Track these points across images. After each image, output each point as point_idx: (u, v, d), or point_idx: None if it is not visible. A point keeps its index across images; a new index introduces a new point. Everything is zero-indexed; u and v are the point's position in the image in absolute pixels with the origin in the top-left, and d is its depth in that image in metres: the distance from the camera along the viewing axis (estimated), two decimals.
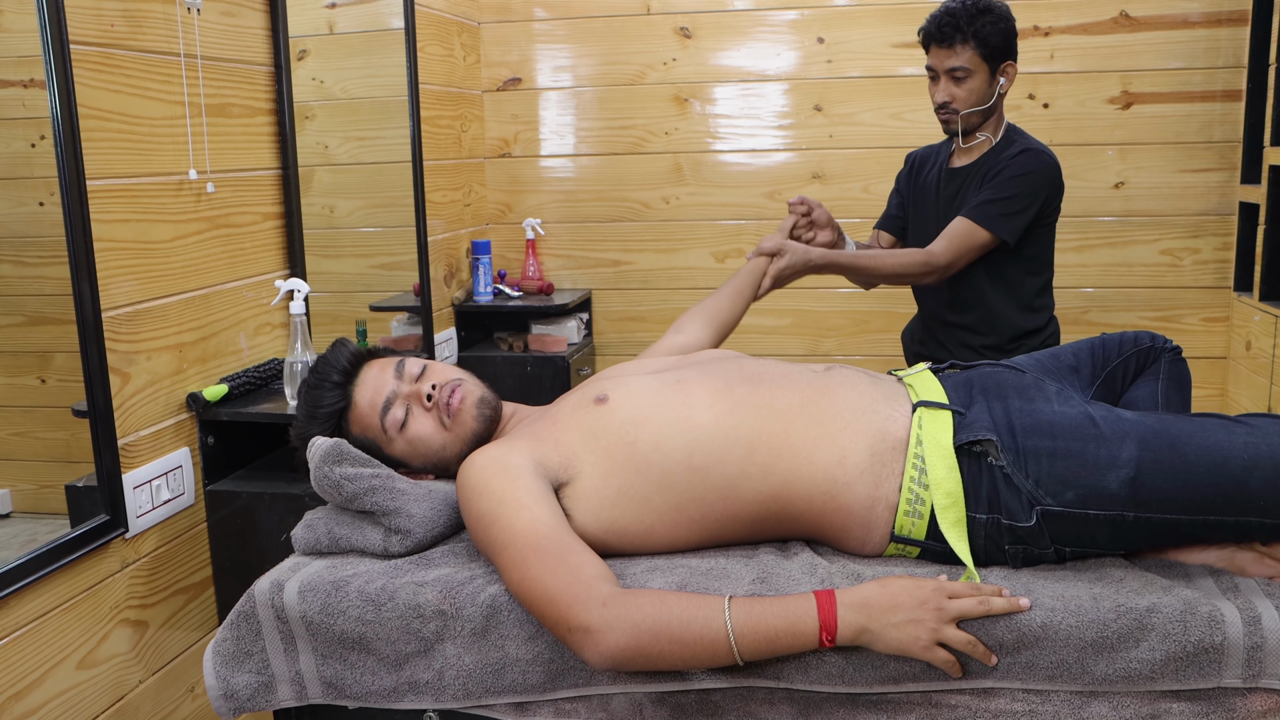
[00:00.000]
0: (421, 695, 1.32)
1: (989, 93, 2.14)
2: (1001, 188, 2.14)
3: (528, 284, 3.30)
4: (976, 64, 2.11)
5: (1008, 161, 2.16)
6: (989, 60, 2.11)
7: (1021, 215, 2.14)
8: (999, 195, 2.13)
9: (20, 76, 1.62)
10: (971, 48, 2.09)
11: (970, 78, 2.12)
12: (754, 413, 1.37)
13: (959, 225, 2.14)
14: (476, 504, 1.32)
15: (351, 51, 2.69)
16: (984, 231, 2.12)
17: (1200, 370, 3.01)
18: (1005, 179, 2.14)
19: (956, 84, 2.13)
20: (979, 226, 2.12)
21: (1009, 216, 2.13)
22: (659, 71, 3.24)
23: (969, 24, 2.08)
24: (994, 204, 2.13)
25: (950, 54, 2.11)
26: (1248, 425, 1.29)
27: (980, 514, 1.31)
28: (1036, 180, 2.14)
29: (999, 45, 2.10)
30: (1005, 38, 2.11)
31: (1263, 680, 1.17)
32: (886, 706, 1.23)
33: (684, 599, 1.19)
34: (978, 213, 2.13)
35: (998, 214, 2.12)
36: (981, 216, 2.13)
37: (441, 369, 1.54)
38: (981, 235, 2.12)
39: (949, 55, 2.11)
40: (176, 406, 1.89)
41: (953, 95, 2.14)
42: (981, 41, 2.08)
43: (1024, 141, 2.20)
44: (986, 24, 2.08)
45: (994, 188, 2.15)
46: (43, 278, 1.68)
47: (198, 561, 1.96)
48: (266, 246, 2.16)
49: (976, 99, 2.14)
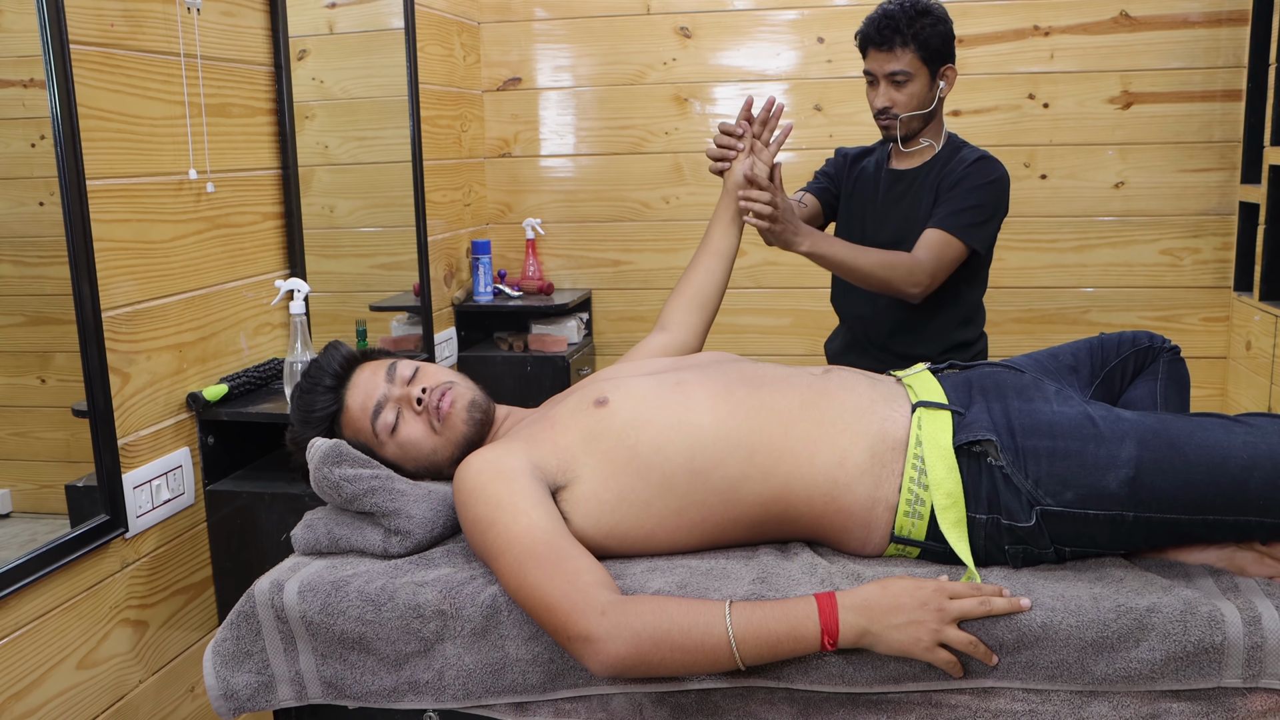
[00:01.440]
0: (421, 695, 1.32)
1: (930, 96, 2.09)
2: (968, 196, 2.07)
3: (528, 284, 3.30)
4: (917, 67, 2.06)
5: (967, 169, 2.10)
6: (929, 63, 2.06)
7: (989, 224, 2.10)
8: (967, 204, 2.07)
9: (20, 76, 1.62)
10: (912, 51, 2.04)
11: (911, 81, 2.06)
12: (755, 415, 1.37)
13: (935, 237, 2.05)
14: (473, 508, 1.31)
15: (351, 51, 2.69)
16: (958, 243, 2.05)
17: (1200, 370, 3.01)
18: (970, 187, 2.08)
19: (897, 88, 2.07)
20: (953, 237, 2.05)
21: (979, 226, 2.07)
22: (659, 71, 3.24)
23: (909, 26, 2.02)
24: (964, 213, 2.06)
25: (890, 58, 2.05)
26: (1247, 425, 1.29)
27: (980, 514, 1.31)
28: (998, 189, 2.10)
29: (939, 48, 2.06)
30: (944, 40, 2.06)
31: (1263, 680, 1.17)
32: (887, 706, 1.23)
33: (684, 605, 1.18)
34: (950, 223, 2.06)
35: (969, 224, 2.06)
36: (954, 227, 2.05)
37: (433, 371, 1.53)
38: (957, 247, 2.05)
39: (889, 59, 2.05)
40: (176, 406, 1.89)
41: (893, 100, 2.08)
42: (921, 44, 2.03)
43: (974, 149, 2.15)
44: (926, 26, 2.03)
45: (960, 196, 2.08)
46: (43, 278, 1.68)
47: (198, 561, 1.96)
48: (266, 246, 2.16)
49: (917, 103, 2.09)
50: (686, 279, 1.80)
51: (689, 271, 1.81)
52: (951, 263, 2.06)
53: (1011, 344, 3.14)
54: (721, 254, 1.82)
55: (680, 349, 1.74)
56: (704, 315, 1.78)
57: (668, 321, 1.76)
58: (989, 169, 2.09)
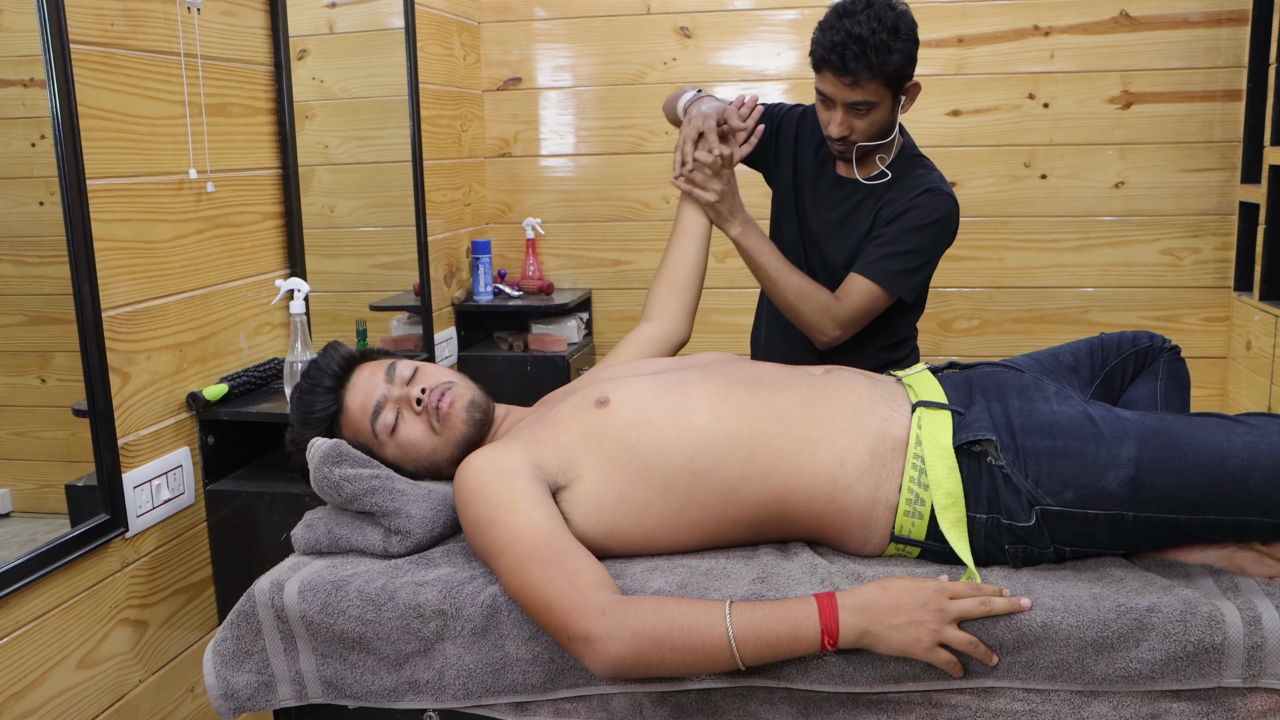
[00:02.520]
0: (421, 695, 1.32)
1: (892, 120, 1.86)
2: (903, 239, 1.87)
3: (528, 284, 3.30)
4: (881, 95, 1.81)
5: (910, 200, 1.88)
6: (893, 87, 1.81)
7: (922, 271, 1.91)
8: (900, 248, 1.86)
9: (20, 76, 1.62)
10: (879, 80, 1.78)
11: (875, 110, 1.83)
12: (755, 415, 1.37)
13: (860, 286, 1.87)
14: (473, 507, 1.31)
15: (351, 51, 2.69)
16: (883, 293, 1.87)
17: (1200, 370, 3.01)
18: (906, 227, 1.87)
19: (858, 116, 1.83)
20: (879, 288, 1.87)
21: (910, 274, 1.88)
22: (659, 71, 3.23)
23: (878, 54, 1.75)
24: (893, 259, 1.87)
25: (855, 89, 1.79)
26: (1247, 425, 1.29)
27: (980, 514, 1.31)
28: (940, 231, 1.89)
29: (905, 72, 1.81)
30: (912, 58, 1.81)
31: (1263, 680, 1.17)
32: (887, 706, 1.23)
33: (684, 605, 1.18)
34: (878, 271, 1.87)
35: (898, 271, 1.87)
36: (881, 275, 1.87)
37: (433, 371, 1.53)
38: (882, 297, 1.88)
39: (853, 90, 1.79)
40: (176, 406, 1.89)
41: (853, 128, 1.85)
42: (891, 73, 1.78)
43: (924, 172, 1.92)
44: (896, 53, 1.76)
45: (894, 237, 1.87)
46: (43, 277, 1.68)
47: (198, 561, 1.96)
48: (266, 246, 2.16)
49: (879, 130, 1.86)
50: (663, 266, 1.82)
51: (664, 258, 1.83)
52: (872, 313, 1.91)
53: (1011, 344, 3.15)
54: (693, 235, 1.83)
55: (668, 336, 1.75)
56: (686, 298, 1.78)
57: (651, 312, 1.78)
58: (932, 207, 1.87)
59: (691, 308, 1.80)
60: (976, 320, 3.18)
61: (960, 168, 3.10)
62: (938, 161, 1.96)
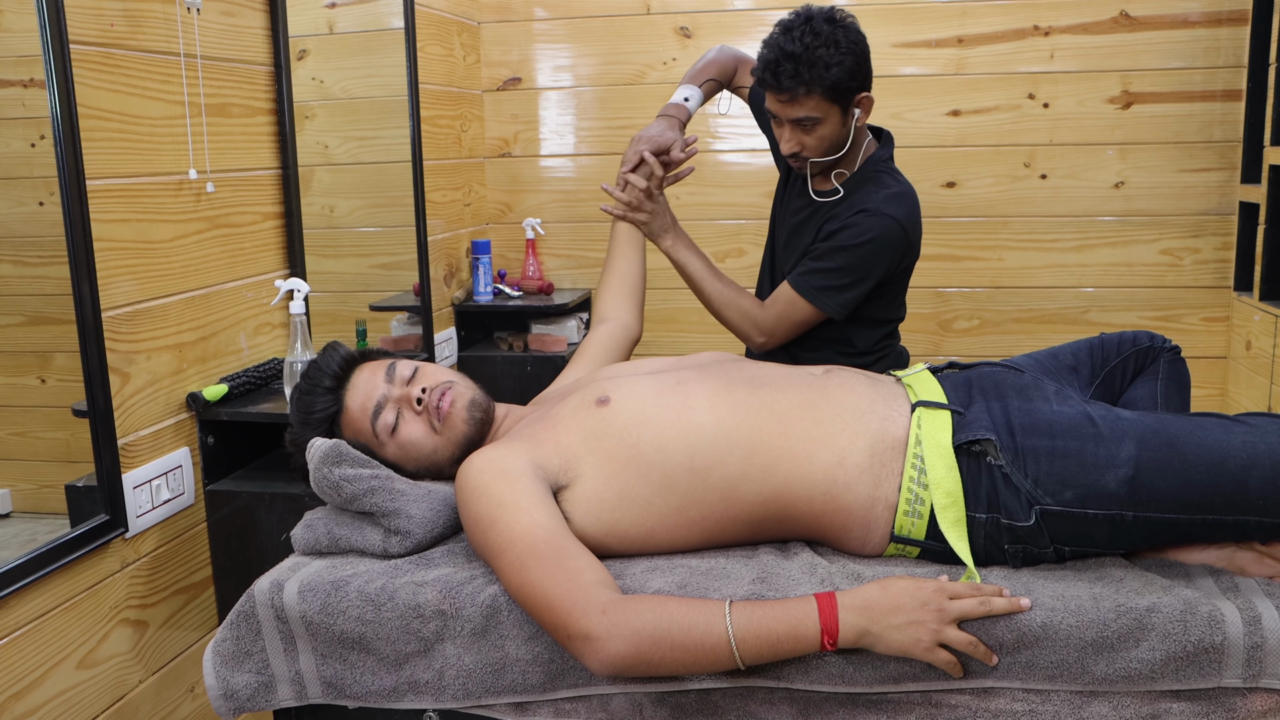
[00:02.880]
0: (421, 695, 1.32)
1: (844, 133, 1.83)
2: (831, 256, 1.85)
3: (528, 284, 3.30)
4: (825, 110, 1.78)
5: (848, 218, 1.85)
6: (839, 101, 1.78)
7: (850, 290, 1.86)
8: (827, 265, 1.86)
9: (20, 76, 1.62)
10: (817, 95, 1.76)
11: (820, 125, 1.80)
12: (754, 414, 1.37)
13: (785, 294, 1.89)
14: (474, 506, 1.31)
15: (351, 51, 2.69)
16: (807, 305, 1.88)
17: (1200, 370, 3.01)
18: (835, 246, 1.85)
19: (805, 133, 1.82)
20: (802, 299, 1.87)
21: (834, 291, 1.86)
22: (659, 71, 3.23)
23: (810, 70, 1.73)
24: (819, 274, 1.86)
25: (794, 106, 1.78)
26: (1247, 424, 1.29)
27: (980, 513, 1.31)
28: (872, 252, 1.84)
29: (849, 85, 1.77)
30: (854, 71, 1.77)
31: (1263, 680, 1.17)
32: (887, 706, 1.23)
33: (684, 605, 1.18)
34: (803, 283, 1.87)
35: (822, 286, 1.86)
36: (806, 288, 1.87)
37: (433, 371, 1.53)
38: (805, 309, 1.88)
39: (792, 107, 1.78)
40: (176, 406, 1.89)
41: (803, 144, 1.83)
42: (829, 87, 1.75)
43: (874, 190, 1.87)
44: (832, 66, 1.74)
45: (823, 254, 1.86)
46: (43, 278, 1.68)
47: (198, 561, 1.96)
48: (266, 246, 2.16)
49: (830, 145, 1.84)
50: (609, 272, 1.92)
51: (609, 265, 1.93)
52: (799, 324, 1.91)
53: (1011, 344, 3.15)
54: (634, 243, 1.95)
55: (625, 332, 1.84)
56: (636, 299, 1.90)
57: (605, 313, 1.86)
58: (864, 228, 1.83)
59: (641, 306, 1.91)
60: (976, 320, 3.18)
61: (960, 168, 3.10)
62: (938, 161, 1.93)
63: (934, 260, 3.16)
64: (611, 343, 1.80)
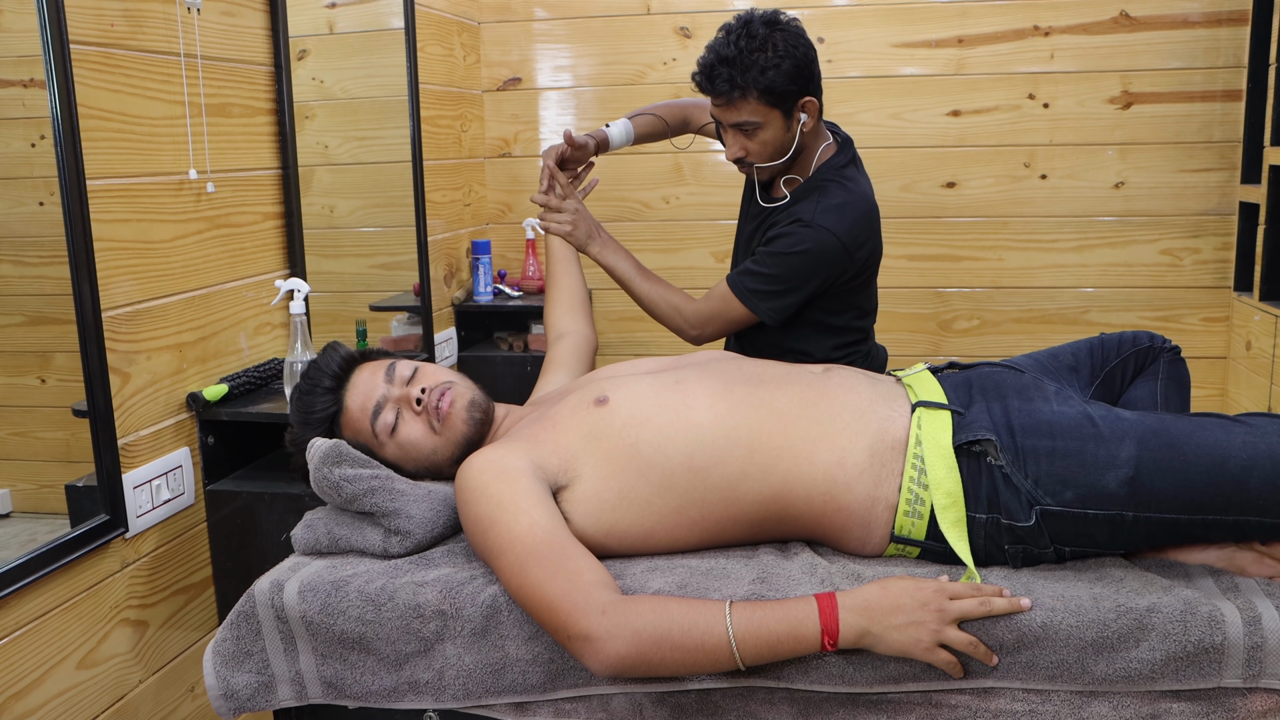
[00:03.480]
0: (421, 695, 1.32)
1: (788, 138, 1.81)
2: (766, 261, 1.84)
3: (528, 284, 3.30)
4: (765, 114, 1.77)
5: (786, 227, 1.84)
6: (779, 105, 1.76)
7: (783, 298, 1.84)
8: (762, 269, 1.85)
9: (20, 76, 1.62)
10: (754, 99, 1.75)
11: (761, 130, 1.79)
12: (754, 413, 1.37)
13: (719, 290, 1.89)
14: (474, 507, 1.31)
15: (351, 51, 2.69)
16: (741, 306, 1.86)
17: (1200, 370, 3.01)
18: (771, 253, 1.84)
19: (748, 138, 1.81)
20: (734, 297, 1.86)
21: (766, 295, 1.85)
22: (659, 71, 3.23)
23: (744, 74, 1.72)
24: (754, 277, 1.85)
25: (731, 110, 1.77)
26: (1247, 425, 1.29)
27: (980, 514, 1.31)
28: (804, 264, 1.81)
29: (788, 88, 1.75)
30: (795, 74, 1.75)
31: (1263, 680, 1.17)
32: (887, 706, 1.23)
33: (684, 605, 1.18)
34: (738, 283, 1.87)
35: (754, 289, 1.85)
36: (738, 287, 1.86)
37: (432, 371, 1.53)
38: (738, 309, 1.87)
39: (730, 111, 1.78)
40: (176, 406, 1.89)
41: (746, 149, 1.82)
42: (764, 90, 1.74)
43: (817, 201, 1.83)
44: (767, 68, 1.72)
45: (761, 258, 1.85)
46: (43, 278, 1.68)
47: (198, 561, 1.96)
48: (266, 246, 2.16)
49: (774, 151, 1.82)
50: (554, 290, 1.97)
51: (552, 283, 1.99)
52: (731, 322, 1.90)
53: (1011, 344, 3.15)
54: (571, 259, 2.01)
55: (586, 343, 1.89)
56: (586, 311, 1.96)
57: (561, 329, 1.91)
58: (799, 238, 1.81)
59: (590, 317, 1.97)
60: (976, 320, 3.18)
61: (960, 168, 3.10)
62: (938, 161, 1.90)
63: (934, 260, 3.16)
64: (579, 352, 1.84)
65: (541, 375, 1.80)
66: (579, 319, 1.93)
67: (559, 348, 1.85)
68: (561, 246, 2.01)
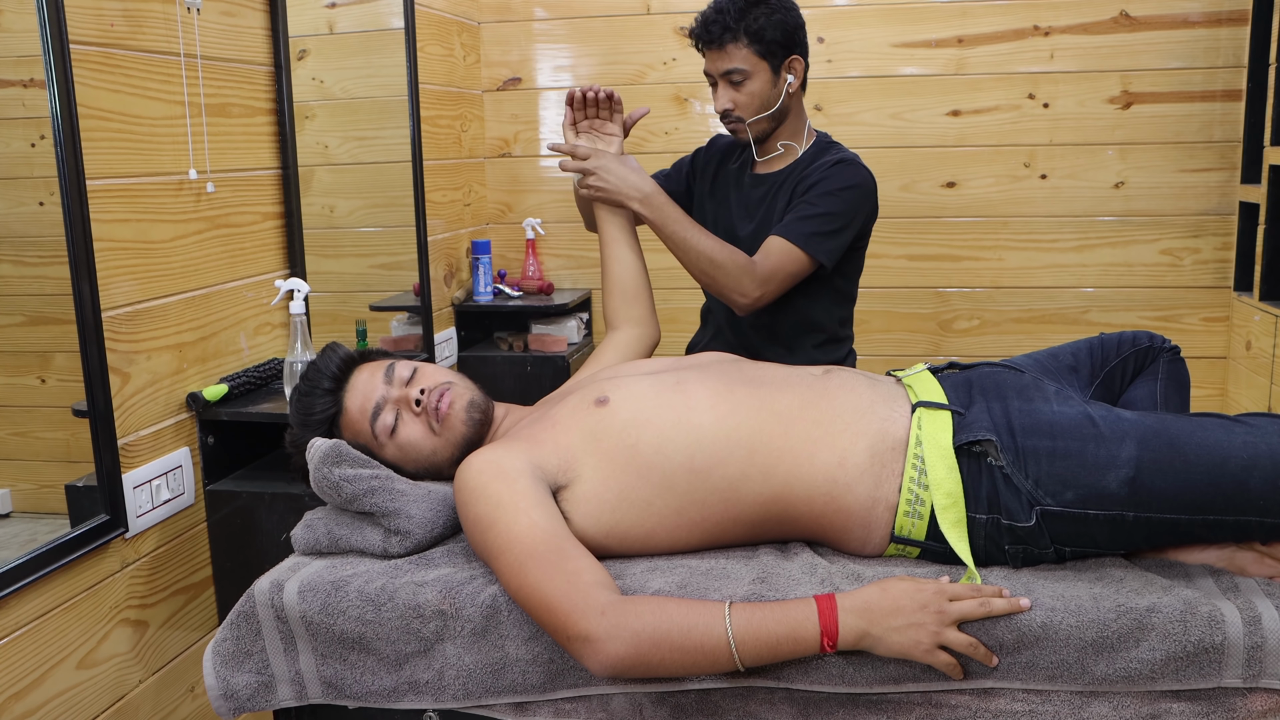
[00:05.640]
0: (421, 695, 1.32)
1: (774, 94, 1.91)
2: (818, 203, 1.88)
3: (528, 284, 3.30)
4: (754, 63, 1.88)
5: (823, 171, 1.91)
6: (768, 58, 1.88)
7: (838, 235, 1.89)
8: (816, 211, 1.88)
9: (20, 76, 1.62)
10: (745, 46, 1.86)
11: (749, 80, 1.89)
12: (755, 414, 1.37)
13: (776, 245, 1.86)
14: (474, 507, 1.31)
15: (351, 51, 2.69)
16: (800, 253, 1.86)
17: (1200, 370, 3.01)
18: (820, 193, 1.89)
19: (735, 88, 1.90)
20: (795, 247, 1.85)
21: (825, 236, 1.87)
22: (659, 71, 3.23)
23: (738, 21, 1.85)
24: (810, 220, 1.87)
25: (723, 56, 1.88)
26: (1247, 425, 1.29)
27: (980, 514, 1.31)
28: (855, 196, 1.90)
29: (778, 39, 1.88)
30: (785, 30, 1.88)
31: (1263, 680, 1.17)
32: (887, 707, 1.23)
33: (684, 606, 1.18)
34: (793, 231, 1.86)
35: (812, 232, 1.86)
36: (797, 235, 1.86)
37: (431, 372, 1.53)
38: (798, 257, 1.86)
39: (721, 58, 1.88)
40: (176, 406, 1.89)
41: (734, 101, 1.91)
42: (755, 38, 1.86)
43: (840, 151, 1.98)
44: (759, 17, 1.85)
45: (808, 202, 1.89)
46: (43, 278, 1.68)
47: (198, 561, 1.96)
48: (266, 246, 2.16)
49: (760, 103, 1.91)
50: (606, 279, 1.85)
51: (604, 271, 1.86)
52: (791, 276, 1.88)
53: (1011, 344, 3.15)
54: (618, 239, 1.86)
55: (641, 340, 1.80)
56: (643, 300, 1.83)
57: (616, 321, 1.82)
58: (847, 174, 1.91)
59: (651, 307, 1.84)
60: (976, 320, 3.18)
61: (960, 168, 3.10)
62: (938, 161, 1.93)
63: (934, 260, 3.16)
64: (628, 350, 1.77)
65: (584, 368, 1.74)
66: (636, 311, 1.81)
67: (607, 344, 1.79)
68: (608, 225, 1.87)
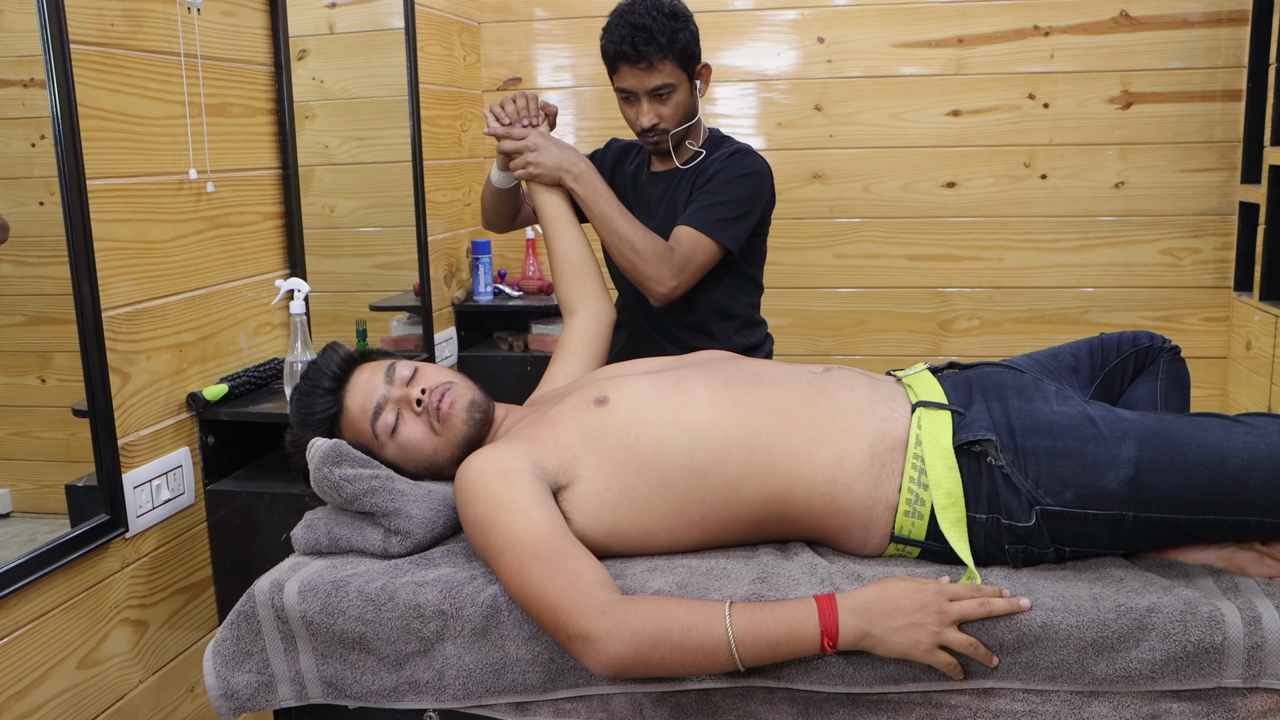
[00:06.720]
0: (421, 695, 1.32)
1: (693, 102, 1.97)
2: (718, 191, 1.93)
3: (528, 284, 3.30)
4: (679, 77, 1.92)
5: (721, 162, 1.97)
6: (687, 69, 1.94)
7: (742, 221, 1.94)
8: (716, 200, 1.92)
9: (20, 76, 1.62)
10: (671, 61, 1.90)
11: (675, 92, 1.93)
12: (754, 413, 1.37)
13: (685, 234, 1.90)
14: (474, 507, 1.31)
15: (351, 51, 2.69)
16: (708, 240, 1.89)
17: (1200, 370, 3.01)
18: (721, 182, 1.94)
19: (662, 103, 1.93)
20: (702, 235, 1.89)
21: (729, 223, 1.91)
22: None
23: (664, 35, 1.87)
24: (711, 209, 1.91)
25: (651, 74, 1.89)
26: (1247, 425, 1.29)
27: (980, 514, 1.31)
28: (754, 183, 1.95)
29: (694, 52, 1.94)
30: (697, 40, 1.95)
31: (1263, 680, 1.17)
32: (887, 707, 1.23)
33: (684, 606, 1.18)
34: (698, 219, 1.90)
35: (717, 219, 1.90)
36: (702, 223, 1.90)
37: (432, 372, 1.53)
38: (707, 245, 1.90)
39: (649, 75, 1.89)
40: (176, 406, 1.89)
41: (660, 115, 1.93)
42: (679, 52, 1.90)
43: (734, 143, 2.03)
44: (681, 32, 1.90)
45: (709, 191, 1.94)
46: (43, 278, 1.68)
47: (198, 561, 1.96)
48: (266, 246, 2.16)
49: (683, 114, 1.96)
50: (554, 259, 1.88)
51: (552, 253, 1.88)
52: (702, 265, 1.91)
53: (1011, 344, 3.15)
54: (559, 218, 1.90)
55: (597, 319, 1.82)
56: (591, 275, 1.86)
57: (571, 303, 1.85)
58: (745, 163, 1.96)
59: (601, 284, 1.87)
60: (976, 320, 3.18)
61: (960, 168, 3.10)
62: (938, 161, 1.94)
63: (934, 260, 3.16)
64: (588, 333, 1.79)
65: (550, 365, 1.77)
66: (587, 289, 1.84)
67: (567, 331, 1.81)
68: (547, 205, 1.90)
